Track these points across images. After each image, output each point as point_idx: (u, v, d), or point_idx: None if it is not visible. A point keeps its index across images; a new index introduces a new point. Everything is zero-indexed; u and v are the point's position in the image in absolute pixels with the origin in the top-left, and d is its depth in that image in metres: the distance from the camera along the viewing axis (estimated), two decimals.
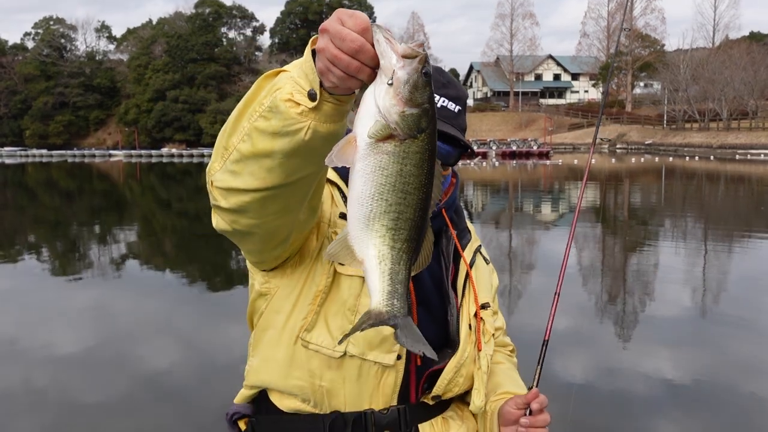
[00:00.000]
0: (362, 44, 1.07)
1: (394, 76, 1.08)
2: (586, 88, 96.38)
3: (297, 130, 1.19)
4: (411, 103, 1.10)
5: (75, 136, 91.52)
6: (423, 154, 1.13)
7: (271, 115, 1.21)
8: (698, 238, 14.30)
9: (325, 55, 1.10)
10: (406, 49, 1.10)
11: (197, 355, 6.56)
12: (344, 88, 1.14)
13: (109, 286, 9.91)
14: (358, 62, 1.09)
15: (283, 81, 1.20)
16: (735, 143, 57.10)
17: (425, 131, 1.13)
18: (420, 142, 1.12)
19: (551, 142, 66.96)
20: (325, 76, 1.13)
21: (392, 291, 1.19)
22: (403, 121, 1.10)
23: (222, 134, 1.35)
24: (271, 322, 1.68)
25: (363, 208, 1.15)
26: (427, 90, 1.11)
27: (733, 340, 6.91)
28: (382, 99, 1.10)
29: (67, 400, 5.44)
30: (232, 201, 1.36)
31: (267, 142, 1.24)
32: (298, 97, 1.17)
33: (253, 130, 1.25)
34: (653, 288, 9.43)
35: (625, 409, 5.15)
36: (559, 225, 16.61)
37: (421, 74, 1.10)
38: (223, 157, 1.34)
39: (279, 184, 1.31)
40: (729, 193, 25.62)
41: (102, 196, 28.89)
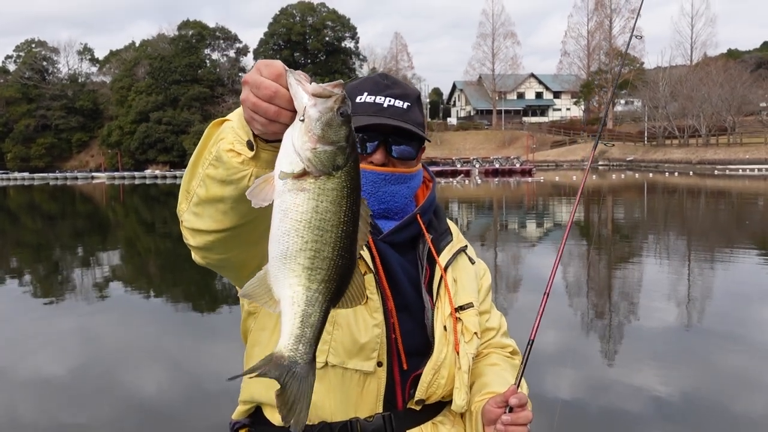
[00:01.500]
0: (276, 89, 1.14)
1: (305, 114, 1.11)
2: (568, 106, 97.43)
3: (240, 178, 1.26)
4: (323, 140, 1.11)
5: (57, 159, 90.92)
6: (341, 191, 1.13)
7: (217, 163, 1.29)
8: (683, 253, 14.44)
9: (247, 105, 1.18)
10: (317, 88, 1.12)
11: (185, 377, 6.53)
12: (271, 133, 1.19)
13: (94, 310, 9.83)
14: (275, 106, 1.14)
15: (226, 131, 1.28)
16: (714, 159, 57.92)
17: (342, 168, 1.13)
18: (336, 179, 1.13)
19: (534, 159, 67.50)
20: (251, 124, 1.20)
21: (300, 335, 1.17)
22: (316, 158, 1.11)
23: (185, 177, 1.43)
24: (258, 339, 1.74)
25: (279, 246, 1.14)
26: (342, 128, 1.13)
27: (720, 355, 6.96)
28: (296, 137, 1.12)
29: (53, 425, 5.39)
30: (198, 240, 1.45)
31: (217, 189, 1.32)
32: (238, 147, 1.25)
33: (205, 176, 1.34)
34: (639, 303, 9.48)
35: (613, 424, 5.16)
36: (544, 241, 16.73)
37: (336, 113, 1.11)
38: (187, 200, 1.42)
39: (235, 225, 1.39)
40: (710, 208, 25.94)
41: (85, 219, 28.69)
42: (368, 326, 1.63)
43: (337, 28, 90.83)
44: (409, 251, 1.81)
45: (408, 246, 1.81)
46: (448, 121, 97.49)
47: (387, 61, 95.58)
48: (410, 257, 1.80)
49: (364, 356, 1.62)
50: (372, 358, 1.63)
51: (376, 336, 1.64)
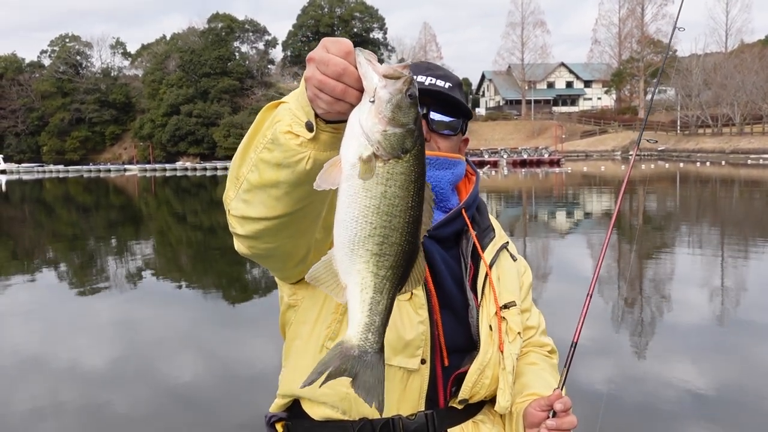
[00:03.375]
0: (345, 67, 1.11)
1: (375, 96, 1.09)
2: (599, 95, 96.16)
3: (298, 160, 1.24)
4: (393, 122, 1.09)
5: (91, 152, 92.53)
6: (408, 175, 1.12)
7: (273, 146, 1.26)
8: (719, 245, 14.30)
9: (312, 82, 1.14)
10: (389, 69, 1.11)
11: (221, 367, 6.67)
12: (335, 112, 1.15)
13: (129, 300, 10.12)
14: (343, 85, 1.11)
15: (282, 113, 1.25)
16: (748, 148, 56.74)
17: (410, 152, 1.12)
18: (405, 163, 1.12)
19: (563, 150, 66.85)
20: (315, 102, 1.16)
21: (369, 323, 1.17)
22: (386, 141, 1.09)
23: (233, 163, 1.40)
24: (298, 332, 1.72)
25: (347, 231, 1.13)
26: (411, 111, 1.11)
27: (759, 348, 6.91)
28: (365, 119, 1.10)
29: (93, 413, 5.57)
30: (247, 228, 1.42)
31: (272, 173, 1.29)
32: (296, 128, 1.22)
33: (259, 161, 1.31)
34: (676, 295, 9.43)
35: (652, 418, 5.17)
36: (574, 233, 16.70)
37: (405, 95, 1.10)
38: (235, 186, 1.40)
39: (289, 212, 1.37)
40: (744, 198, 25.54)
41: (118, 210, 29.29)
42: (413, 323, 1.62)
43: (365, 19, 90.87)
44: (452, 247, 1.79)
45: (452, 241, 1.79)
46: (477, 112, 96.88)
47: (415, 52, 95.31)
48: (453, 253, 1.78)
49: (408, 353, 1.61)
50: (417, 355, 1.61)
51: (421, 333, 1.62)
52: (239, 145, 1.39)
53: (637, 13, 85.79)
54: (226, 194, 1.45)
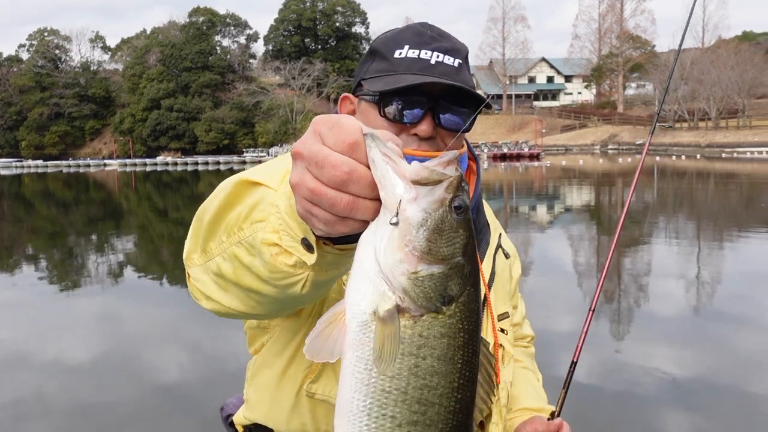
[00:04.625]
0: (351, 169, 0.75)
1: (399, 215, 0.75)
2: (579, 90, 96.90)
3: (289, 284, 0.94)
4: (430, 257, 0.76)
5: (71, 147, 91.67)
6: (453, 338, 0.78)
7: (253, 252, 0.95)
8: (695, 237, 14.64)
9: (302, 193, 0.79)
10: (420, 171, 0.76)
11: (204, 361, 6.78)
12: (338, 233, 0.81)
13: (111, 295, 10.22)
14: (350, 196, 0.76)
15: (266, 211, 0.92)
16: (723, 142, 57.62)
17: (457, 300, 0.78)
18: (448, 320, 0.77)
19: (543, 144, 67.38)
20: (309, 221, 0.82)
21: None
22: (417, 288, 0.76)
23: (199, 222, 1.13)
24: (271, 363, 1.52)
25: (354, 428, 0.79)
26: (459, 234, 0.77)
27: (734, 336, 7.10)
28: (384, 252, 0.75)
29: (77, 407, 5.65)
30: (216, 308, 1.15)
31: (252, 281, 1.00)
32: (287, 243, 0.89)
33: (233, 256, 1.01)
34: (653, 286, 9.65)
35: (629, 405, 5.32)
36: (555, 226, 16.98)
37: (449, 211, 0.76)
38: (203, 257, 1.12)
39: (276, 313, 1.19)
40: (719, 191, 26.03)
41: (99, 206, 29.18)
42: None
43: (347, 14, 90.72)
44: None
45: None
46: None
47: None
48: None
49: None
50: None
51: None
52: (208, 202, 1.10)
53: (616, 9, 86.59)
54: (187, 254, 1.17)
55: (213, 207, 1.06)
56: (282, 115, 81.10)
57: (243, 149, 78.03)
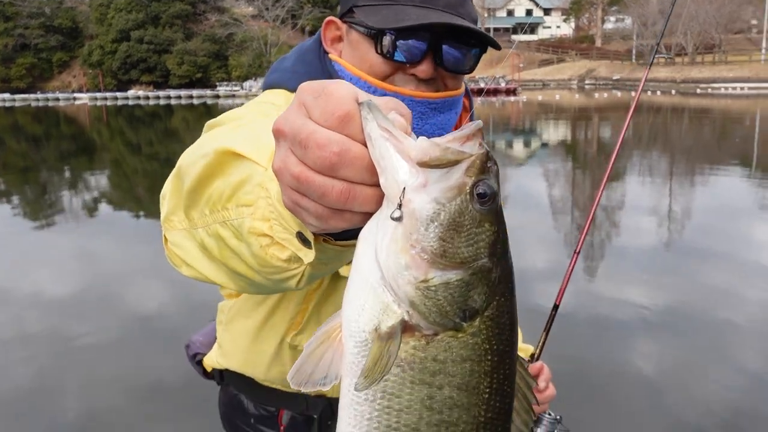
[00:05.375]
0: (342, 149, 0.60)
1: (403, 208, 0.60)
2: (558, 24, 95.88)
3: (282, 279, 0.80)
4: (445, 261, 0.60)
5: (39, 79, 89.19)
6: (478, 362, 0.63)
7: (240, 237, 0.80)
8: (667, 172, 14.89)
9: (286, 181, 0.65)
10: (431, 148, 0.60)
11: (184, 295, 6.80)
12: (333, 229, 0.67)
13: (88, 232, 10.22)
14: (343, 182, 0.62)
15: (255, 193, 0.76)
16: (698, 77, 57.81)
17: (481, 314, 0.63)
18: (470, 339, 0.62)
19: (520, 79, 67.03)
20: (299, 215, 0.68)
21: None
22: (429, 301, 0.60)
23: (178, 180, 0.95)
24: (250, 312, 1.44)
25: None
26: (485, 230, 0.62)
27: (704, 269, 7.34)
28: (386, 254, 0.61)
29: (59, 342, 5.69)
30: (198, 276, 0.99)
31: (239, 266, 0.86)
32: (280, 235, 0.74)
33: (217, 235, 0.86)
34: (626, 220, 9.85)
35: (603, 334, 5.49)
36: (532, 161, 17.11)
37: (472, 198, 0.61)
38: (184, 222, 0.96)
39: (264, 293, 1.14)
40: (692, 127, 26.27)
41: (70, 141, 28.71)
42: None
43: None
44: None
45: None
46: None
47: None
48: None
49: None
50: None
51: None
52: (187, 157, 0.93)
53: None
54: (166, 215, 1.01)
55: (193, 173, 0.88)
56: (256, 48, 79.41)
57: (216, 83, 76.56)
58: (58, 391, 4.77)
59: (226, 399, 1.66)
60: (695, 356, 5.21)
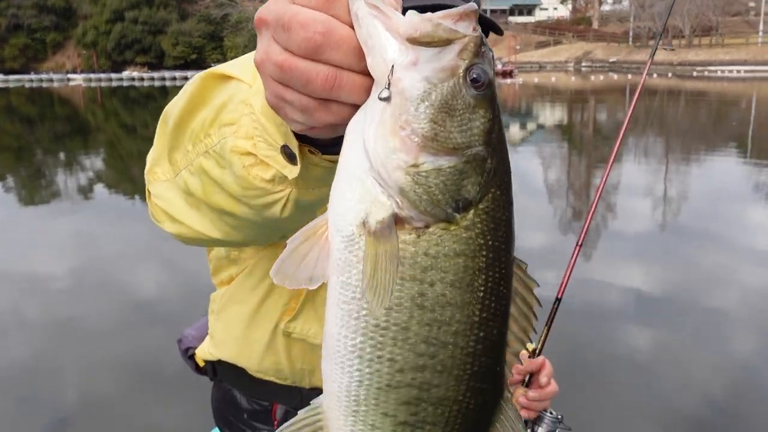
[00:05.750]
0: (327, 29, 0.57)
1: (392, 87, 0.56)
2: (555, 6, 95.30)
3: (266, 204, 0.78)
4: (436, 145, 0.57)
5: (33, 60, 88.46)
6: (472, 258, 0.59)
7: (223, 163, 0.78)
8: (663, 155, 14.90)
9: (268, 70, 0.61)
10: (422, 24, 0.56)
11: (180, 276, 6.84)
12: (322, 129, 0.63)
13: (84, 213, 10.21)
14: (328, 67, 0.58)
15: (238, 110, 0.75)
16: (695, 60, 57.63)
17: (475, 205, 0.59)
18: (463, 232, 0.59)
19: (517, 60, 66.74)
20: (283, 114, 0.64)
21: None
22: (419, 187, 0.57)
23: (163, 126, 0.94)
24: (243, 298, 1.40)
25: (344, 375, 0.62)
26: (479, 116, 0.59)
27: (698, 252, 7.34)
28: (374, 138, 0.57)
29: (57, 324, 5.67)
30: (182, 231, 0.97)
31: (222, 200, 0.83)
32: (264, 152, 0.72)
33: (200, 169, 0.84)
34: (621, 204, 9.82)
35: (595, 319, 5.49)
36: (528, 143, 17.09)
37: (465, 81, 0.58)
38: (169, 170, 0.94)
39: (254, 241, 1.01)
40: (690, 110, 26.24)
41: (65, 122, 28.55)
42: None
43: None
44: None
45: None
46: None
47: None
48: None
49: None
50: None
51: None
52: (172, 103, 0.92)
53: None
54: (149, 167, 0.99)
55: (177, 108, 0.87)
56: (251, 29, 78.32)
57: (212, 64, 76.05)
58: (56, 374, 4.79)
59: (219, 395, 1.62)
60: (689, 341, 5.24)
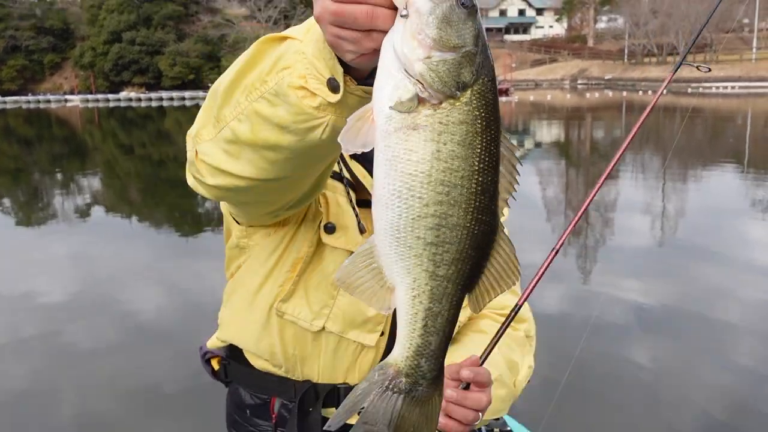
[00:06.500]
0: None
1: (409, 8, 0.80)
2: (551, 24, 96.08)
3: (311, 128, 0.97)
4: (440, 44, 0.80)
5: (30, 81, 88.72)
6: (472, 123, 0.82)
7: (277, 101, 0.98)
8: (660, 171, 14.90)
9: (326, 19, 0.85)
10: None
11: (180, 296, 6.84)
12: (368, 57, 0.87)
13: (81, 234, 10.16)
14: (367, 5, 0.82)
15: (293, 58, 0.96)
16: (689, 77, 57.74)
17: (471, 88, 0.82)
18: (464, 106, 0.82)
19: (513, 78, 67.18)
20: (339, 48, 0.87)
21: (422, 345, 0.89)
22: (432, 73, 0.80)
23: (213, 95, 1.13)
24: (246, 281, 1.55)
25: (388, 212, 0.84)
26: (468, 24, 0.81)
27: (699, 268, 7.34)
28: (400, 42, 0.80)
29: (54, 345, 5.66)
30: (221, 181, 1.15)
31: (271, 134, 1.02)
32: (313, 85, 0.93)
33: (252, 113, 1.02)
34: (619, 219, 9.90)
35: (596, 335, 5.48)
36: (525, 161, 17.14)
37: (458, 3, 0.81)
38: (214, 129, 1.12)
39: (286, 177, 1.13)
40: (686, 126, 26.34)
41: (62, 143, 28.58)
42: None
43: None
44: None
45: None
46: None
47: None
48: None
49: (367, 329, 1.48)
50: (376, 331, 1.48)
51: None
52: (224, 75, 1.11)
53: None
54: (196, 131, 1.18)
55: (233, 71, 1.07)
56: None
57: (209, 84, 76.31)
58: (53, 395, 4.74)
59: (230, 399, 1.70)
60: (690, 356, 5.22)
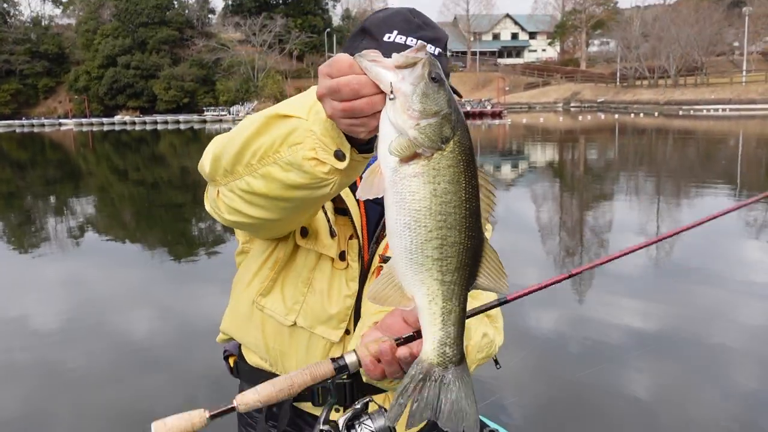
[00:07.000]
0: (358, 81, 1.05)
1: (395, 93, 1.03)
2: (544, 47, 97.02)
3: (322, 186, 1.22)
4: (425, 113, 1.03)
5: (24, 105, 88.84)
6: (457, 165, 1.05)
7: (290, 169, 1.21)
8: (654, 193, 14.94)
9: (338, 115, 1.09)
10: (399, 59, 1.05)
11: (174, 321, 6.75)
12: (373, 128, 1.10)
13: (75, 259, 10.06)
14: (366, 98, 1.06)
15: (302, 135, 1.19)
16: (681, 99, 58.51)
17: (452, 139, 1.05)
18: (450, 154, 1.05)
19: (506, 101, 67.58)
20: (354, 131, 1.12)
21: (444, 336, 1.12)
22: (422, 135, 1.03)
23: (223, 147, 1.34)
24: (241, 278, 1.76)
25: (402, 240, 1.08)
26: (441, 93, 1.04)
27: (695, 290, 7.31)
28: (394, 117, 1.04)
29: (48, 372, 5.56)
30: (238, 219, 1.40)
31: (285, 192, 1.26)
32: (322, 155, 1.17)
33: (266, 174, 1.25)
34: (614, 241, 9.82)
35: (593, 359, 5.42)
36: (519, 184, 17.17)
37: (428, 80, 1.03)
38: (226, 177, 1.34)
39: (295, 216, 1.39)
40: (678, 148, 26.49)
41: (56, 167, 28.50)
42: (341, 296, 1.62)
43: None
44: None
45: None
46: None
47: (361, 2, 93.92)
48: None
49: (332, 325, 1.62)
50: (340, 328, 1.62)
51: (347, 307, 1.62)
52: (231, 134, 1.34)
53: None
54: (210, 174, 1.40)
55: (243, 136, 1.27)
56: (243, 73, 79.63)
57: (204, 108, 76.56)
58: (46, 419, 4.65)
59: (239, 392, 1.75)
60: (690, 379, 5.16)
